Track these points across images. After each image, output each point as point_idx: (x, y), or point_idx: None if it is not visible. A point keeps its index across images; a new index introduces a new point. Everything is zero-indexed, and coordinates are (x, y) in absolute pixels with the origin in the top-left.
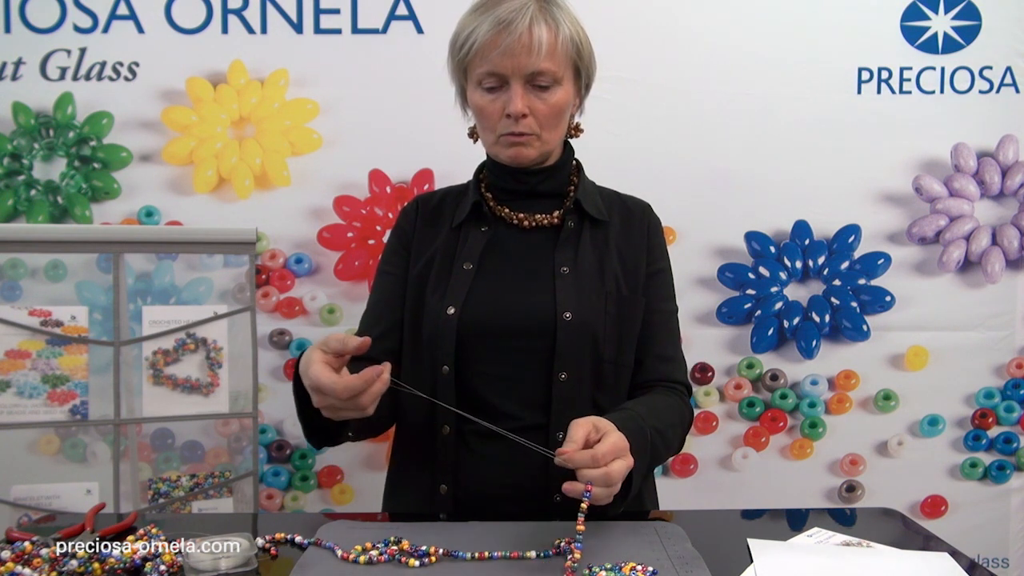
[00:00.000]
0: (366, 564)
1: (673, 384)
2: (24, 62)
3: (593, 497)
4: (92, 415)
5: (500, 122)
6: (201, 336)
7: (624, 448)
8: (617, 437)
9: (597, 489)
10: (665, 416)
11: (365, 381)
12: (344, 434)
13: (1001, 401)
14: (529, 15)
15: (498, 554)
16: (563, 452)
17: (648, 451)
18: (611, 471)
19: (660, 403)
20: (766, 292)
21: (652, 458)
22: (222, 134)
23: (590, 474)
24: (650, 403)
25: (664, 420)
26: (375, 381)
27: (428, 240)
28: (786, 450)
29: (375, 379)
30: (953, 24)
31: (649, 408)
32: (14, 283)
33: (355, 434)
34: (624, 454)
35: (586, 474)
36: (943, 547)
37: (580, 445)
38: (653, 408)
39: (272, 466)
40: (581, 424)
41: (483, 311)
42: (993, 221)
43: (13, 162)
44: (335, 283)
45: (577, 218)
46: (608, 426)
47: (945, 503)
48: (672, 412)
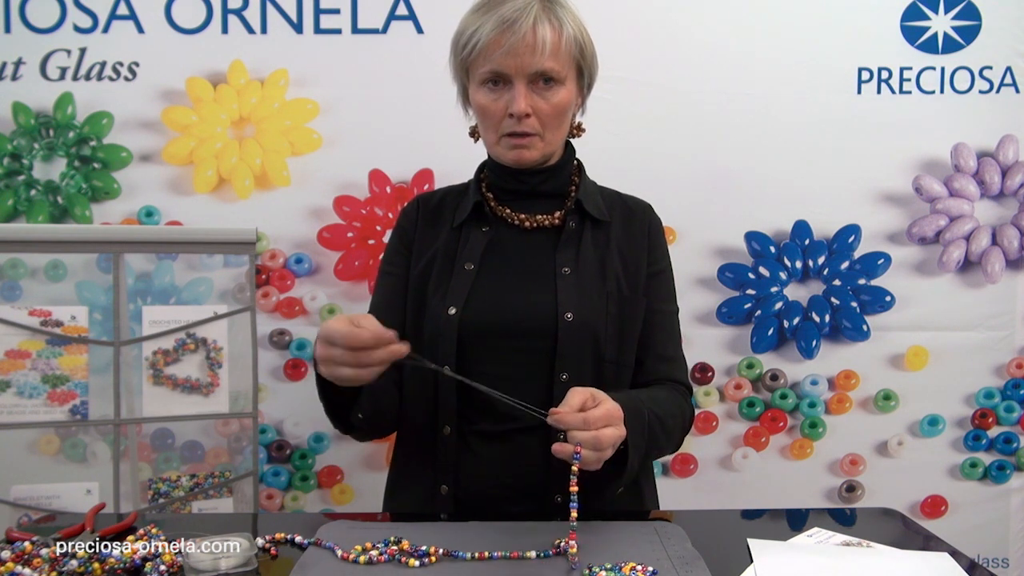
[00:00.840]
0: (366, 564)
1: (674, 384)
2: (24, 62)
3: (583, 460)
4: (92, 415)
5: (503, 122)
6: (201, 336)
7: (617, 416)
8: (612, 405)
9: (587, 452)
10: (665, 406)
11: (376, 338)
12: (354, 414)
13: (1001, 401)
14: (533, 14)
15: (498, 554)
16: (556, 412)
17: (645, 432)
18: (601, 435)
19: (660, 394)
20: (766, 292)
21: (650, 441)
22: (222, 134)
23: (580, 435)
24: (651, 392)
25: (664, 409)
26: (387, 344)
27: (429, 240)
28: (786, 450)
29: (387, 342)
30: (953, 24)
31: (650, 395)
32: (14, 283)
33: (363, 419)
34: (616, 422)
35: (576, 435)
36: (943, 547)
37: (575, 410)
38: (653, 396)
39: (272, 466)
40: (579, 391)
41: (484, 311)
42: (993, 221)
43: (13, 162)
44: (335, 283)
45: (578, 218)
46: (605, 396)
47: (945, 503)
48: (672, 404)
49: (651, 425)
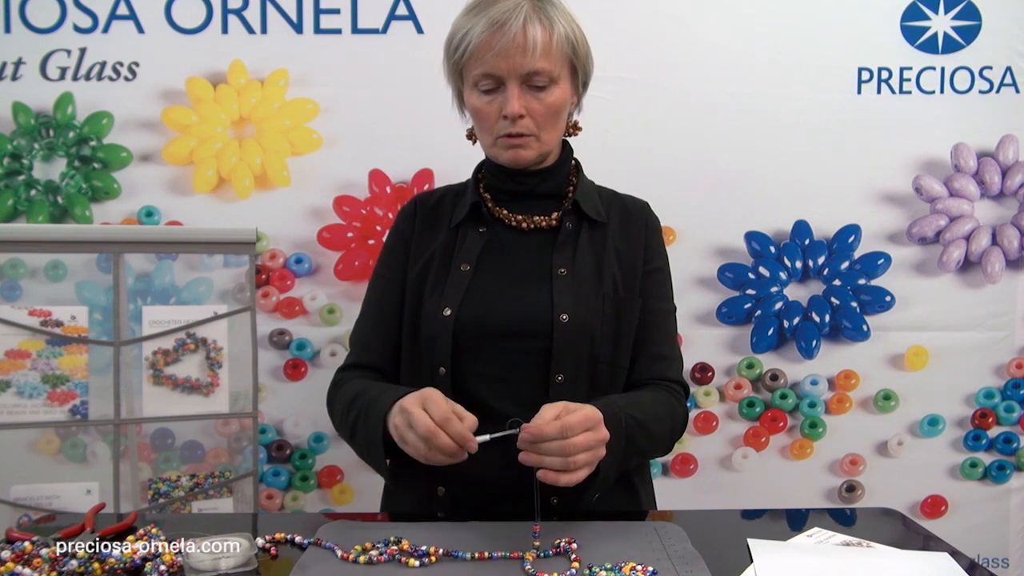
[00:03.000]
0: (366, 564)
1: (667, 383)
2: (24, 62)
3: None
4: (92, 415)
5: (497, 123)
6: (201, 336)
7: (596, 419)
8: (589, 409)
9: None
10: (648, 408)
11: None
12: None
13: (1001, 401)
14: (523, 15)
15: (498, 554)
16: (529, 428)
17: (621, 438)
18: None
19: (645, 397)
20: (766, 292)
21: (628, 447)
22: (222, 134)
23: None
24: (633, 396)
25: (646, 412)
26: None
27: (427, 241)
28: (786, 450)
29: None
30: (953, 24)
31: (629, 400)
32: (14, 283)
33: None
34: (595, 425)
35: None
36: (943, 547)
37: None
38: (635, 400)
39: (272, 466)
40: (552, 406)
41: (480, 312)
42: (993, 221)
43: (13, 162)
44: (335, 283)
45: (575, 219)
46: (579, 404)
47: (945, 503)
48: (659, 406)
49: (629, 431)
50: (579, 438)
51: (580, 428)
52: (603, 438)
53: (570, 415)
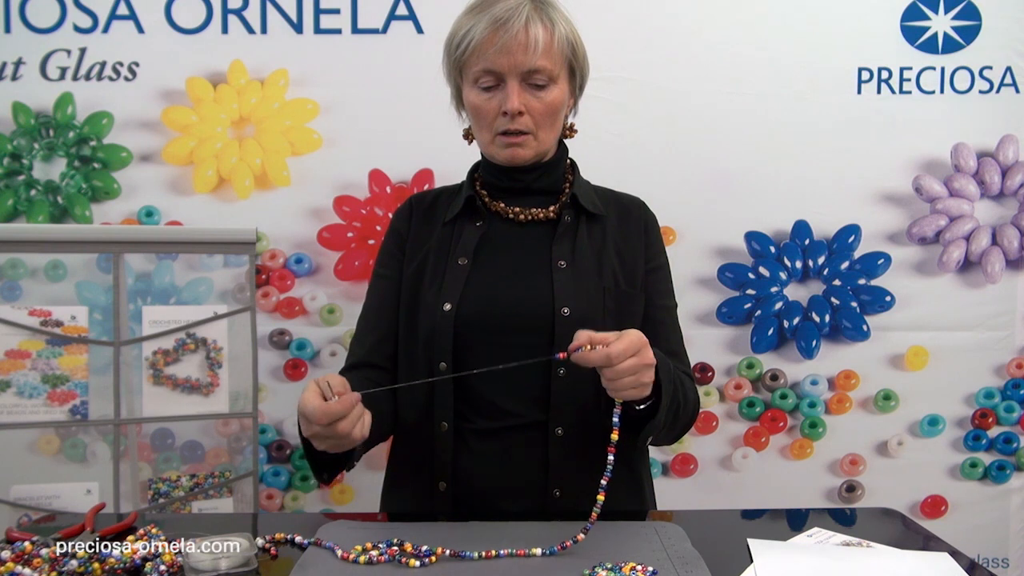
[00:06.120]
0: (366, 564)
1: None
2: (24, 62)
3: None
4: (92, 415)
5: (496, 120)
6: (201, 336)
7: (641, 342)
8: (635, 334)
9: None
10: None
11: (344, 407)
12: (350, 462)
13: (1001, 401)
14: (525, 14)
15: (504, 552)
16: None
17: (671, 378)
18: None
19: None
20: (766, 292)
21: (674, 390)
22: (222, 134)
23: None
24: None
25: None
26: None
27: (423, 238)
28: (786, 450)
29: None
30: (953, 24)
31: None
32: (14, 283)
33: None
34: (643, 347)
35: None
36: (943, 547)
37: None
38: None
39: (272, 466)
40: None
41: (480, 306)
42: (993, 221)
43: (13, 162)
44: (335, 283)
45: (573, 213)
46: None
47: (945, 503)
48: (684, 377)
49: (676, 376)
50: (625, 364)
51: (628, 354)
52: (649, 362)
53: (616, 343)
